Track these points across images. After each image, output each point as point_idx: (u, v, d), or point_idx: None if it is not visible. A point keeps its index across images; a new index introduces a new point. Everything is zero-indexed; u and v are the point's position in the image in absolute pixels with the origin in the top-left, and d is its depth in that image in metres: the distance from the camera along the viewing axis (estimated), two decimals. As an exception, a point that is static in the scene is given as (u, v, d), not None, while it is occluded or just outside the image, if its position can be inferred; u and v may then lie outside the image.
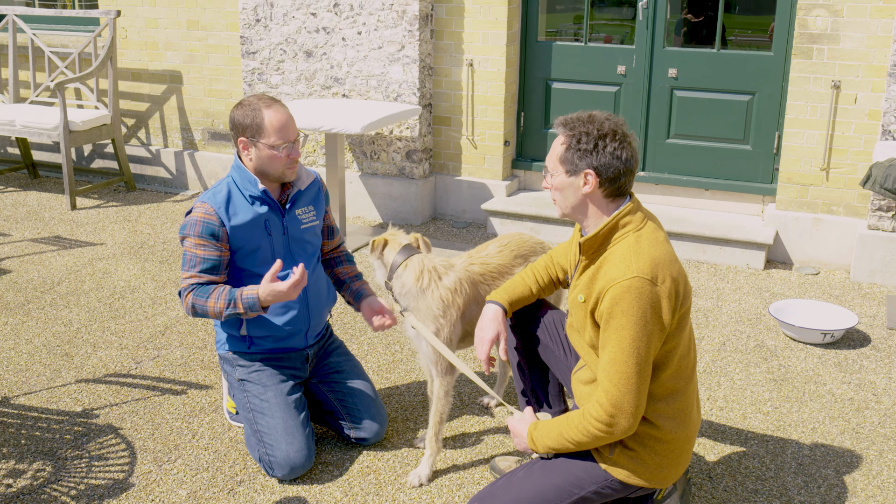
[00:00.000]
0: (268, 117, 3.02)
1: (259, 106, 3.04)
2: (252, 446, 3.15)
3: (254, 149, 3.06)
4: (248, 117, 3.04)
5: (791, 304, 4.42)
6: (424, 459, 3.11)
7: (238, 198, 3.10)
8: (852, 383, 3.83)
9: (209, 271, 3.04)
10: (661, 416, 2.48)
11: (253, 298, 2.95)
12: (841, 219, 5.16)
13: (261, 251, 3.12)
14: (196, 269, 3.03)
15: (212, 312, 3.00)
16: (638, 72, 5.67)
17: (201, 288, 3.01)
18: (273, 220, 3.14)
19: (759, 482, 3.11)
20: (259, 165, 3.08)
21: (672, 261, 2.44)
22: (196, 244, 3.03)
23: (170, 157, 6.93)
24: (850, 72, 4.97)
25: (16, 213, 6.20)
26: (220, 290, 3.00)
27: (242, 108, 3.06)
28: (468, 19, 5.76)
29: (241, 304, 2.96)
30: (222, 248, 3.06)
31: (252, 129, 3.04)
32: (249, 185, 3.10)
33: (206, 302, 2.99)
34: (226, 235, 3.06)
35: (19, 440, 3.32)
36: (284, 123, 3.04)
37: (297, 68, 6.10)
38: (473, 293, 3.09)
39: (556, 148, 2.51)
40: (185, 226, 3.06)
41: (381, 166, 6.12)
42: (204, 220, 3.03)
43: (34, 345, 4.14)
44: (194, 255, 3.04)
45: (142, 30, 6.76)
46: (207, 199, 3.07)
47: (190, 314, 3.05)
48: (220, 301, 2.97)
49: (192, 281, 3.02)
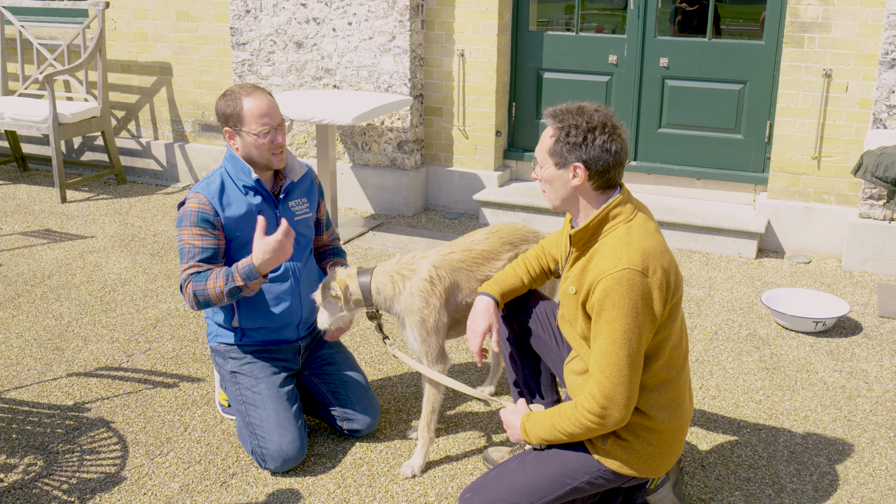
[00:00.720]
0: (247, 105, 3.03)
1: (239, 94, 3.05)
2: (244, 439, 3.15)
3: (238, 137, 3.07)
4: (230, 107, 3.05)
5: (783, 292, 4.42)
6: (417, 450, 3.11)
7: (231, 188, 3.09)
8: (844, 371, 3.84)
9: (208, 260, 3.03)
10: (653, 406, 2.48)
11: (248, 265, 2.93)
12: (832, 207, 5.17)
13: (252, 242, 3.11)
14: (195, 258, 3.01)
15: (213, 295, 2.96)
16: (629, 61, 5.66)
17: (198, 275, 3.00)
18: (266, 212, 3.13)
19: (752, 470, 3.12)
20: (246, 154, 3.09)
21: (663, 251, 2.44)
22: (193, 234, 3.02)
23: (160, 149, 6.90)
24: (841, 60, 4.97)
25: (5, 207, 6.16)
26: (217, 271, 2.99)
27: (225, 98, 3.08)
28: (459, 9, 5.74)
29: (237, 275, 2.94)
30: (219, 237, 3.05)
31: (234, 118, 3.05)
32: (243, 175, 3.09)
33: (205, 286, 2.97)
34: (220, 224, 3.05)
35: (10, 434, 3.31)
36: (264, 110, 3.04)
37: (288, 59, 6.07)
38: (453, 279, 3.06)
39: (545, 140, 2.49)
40: (180, 219, 3.06)
41: (373, 157, 6.10)
42: (198, 210, 3.02)
43: (25, 338, 4.12)
44: (192, 247, 3.02)
45: (131, 21, 6.72)
46: (201, 190, 3.07)
47: (193, 306, 3.02)
48: (219, 279, 2.95)
49: (190, 271, 3.01)
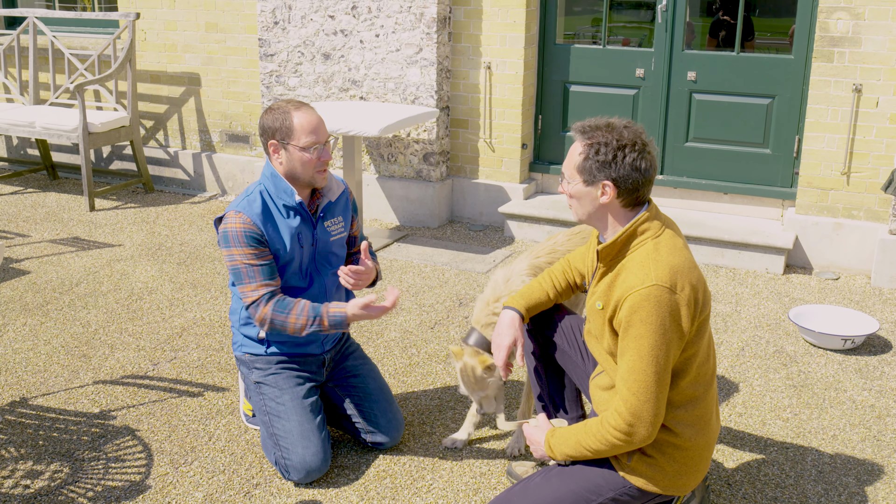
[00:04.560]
0: (297, 119, 3.01)
1: (288, 109, 3.03)
2: (268, 449, 3.15)
3: (284, 152, 3.04)
4: (278, 120, 3.03)
5: (811, 309, 4.38)
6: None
7: (273, 209, 3.07)
8: (873, 390, 3.79)
9: (272, 277, 3.04)
10: (680, 423, 2.45)
11: (342, 316, 2.98)
12: (862, 223, 5.12)
13: (291, 263, 3.12)
14: (258, 278, 3.01)
15: (291, 329, 3.00)
16: (657, 75, 5.64)
17: (279, 302, 3.00)
18: (305, 233, 3.13)
19: (779, 489, 3.08)
20: (290, 169, 3.06)
21: (691, 268, 2.42)
22: (246, 255, 3.01)
23: (188, 158, 6.95)
24: (871, 75, 4.93)
25: (35, 215, 6.24)
26: (300, 305, 3.00)
27: (272, 113, 3.05)
28: (486, 22, 5.75)
29: (326, 321, 2.98)
30: (268, 253, 3.05)
31: (282, 132, 3.02)
32: (285, 196, 3.07)
33: (286, 318, 2.99)
34: (266, 242, 3.05)
35: (37, 441, 3.34)
36: (314, 125, 3.03)
37: (315, 70, 6.11)
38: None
39: (574, 156, 2.47)
40: (227, 238, 3.02)
41: (399, 169, 6.11)
42: (245, 230, 3.00)
43: (52, 346, 4.16)
44: (249, 266, 3.01)
45: (160, 32, 6.79)
46: (242, 209, 3.03)
47: (261, 327, 3.04)
48: (303, 317, 2.98)
49: (262, 291, 3.01)
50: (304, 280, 3.16)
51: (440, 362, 4.02)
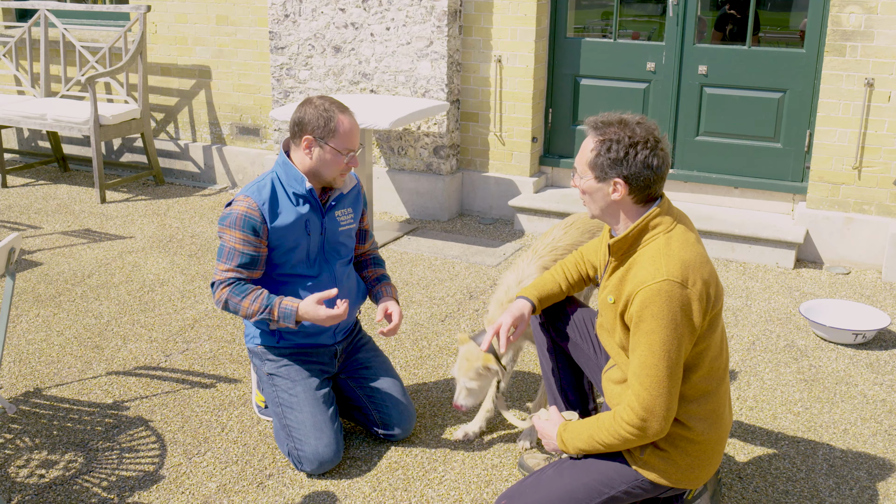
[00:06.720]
0: (342, 123, 3.04)
1: (333, 109, 3.04)
2: (281, 440, 3.17)
3: (318, 149, 3.06)
4: (322, 118, 3.03)
5: (822, 303, 4.37)
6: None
7: (282, 196, 3.10)
8: (885, 384, 3.79)
9: (246, 266, 3.06)
10: (692, 417, 2.46)
11: (291, 311, 3.00)
12: (873, 218, 5.11)
13: (297, 250, 3.14)
14: (233, 262, 3.05)
15: (243, 312, 3.04)
16: (667, 69, 5.63)
17: (239, 286, 3.04)
18: (313, 221, 3.15)
19: (790, 483, 3.08)
20: (316, 166, 3.08)
21: (703, 262, 2.42)
22: (236, 238, 3.04)
23: (198, 151, 6.97)
24: (884, 69, 4.91)
25: (46, 207, 6.26)
26: (258, 293, 3.03)
27: (314, 108, 3.05)
28: (497, 15, 5.75)
29: (276, 312, 3.01)
30: (260, 245, 3.07)
31: (323, 131, 3.03)
32: (295, 183, 3.09)
33: (240, 301, 3.02)
34: (266, 232, 3.07)
35: (51, 431, 3.36)
36: (356, 133, 3.09)
37: (326, 63, 6.11)
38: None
39: (586, 153, 2.47)
40: (226, 217, 3.07)
41: (409, 162, 6.12)
42: (246, 215, 3.04)
43: (65, 336, 4.18)
44: (232, 249, 3.05)
45: (171, 25, 6.80)
46: (251, 194, 3.07)
47: (219, 307, 3.09)
48: (256, 304, 3.01)
49: (229, 275, 3.05)
50: (312, 268, 3.18)
51: (451, 355, 4.03)
